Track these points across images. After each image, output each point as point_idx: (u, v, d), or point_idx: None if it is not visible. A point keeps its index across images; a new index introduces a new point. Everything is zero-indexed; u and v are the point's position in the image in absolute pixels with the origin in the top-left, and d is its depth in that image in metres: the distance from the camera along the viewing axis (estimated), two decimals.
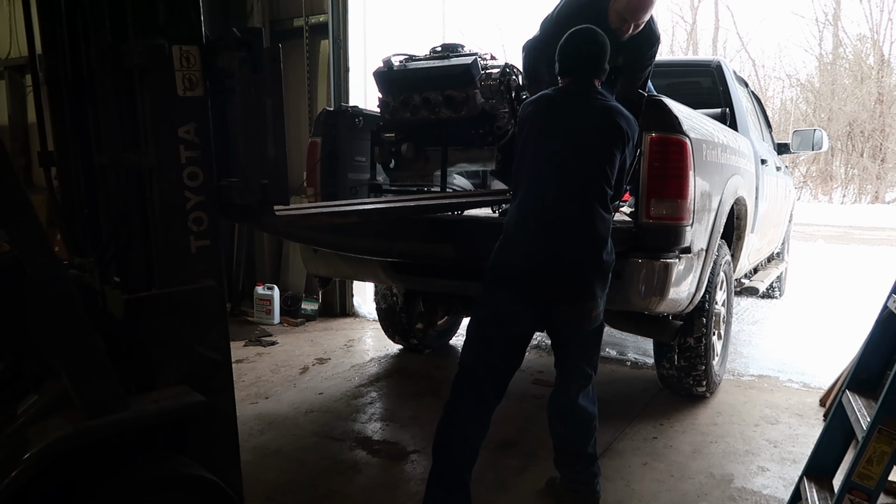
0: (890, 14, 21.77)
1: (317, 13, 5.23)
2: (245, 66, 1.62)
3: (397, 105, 3.32)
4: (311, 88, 5.34)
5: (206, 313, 1.63)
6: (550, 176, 2.17)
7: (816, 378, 3.82)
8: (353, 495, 2.49)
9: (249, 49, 1.62)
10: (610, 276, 2.21)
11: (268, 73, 1.64)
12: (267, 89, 1.65)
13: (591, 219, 2.14)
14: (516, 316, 2.17)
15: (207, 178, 1.63)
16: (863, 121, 21.73)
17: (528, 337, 2.27)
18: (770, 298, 6.30)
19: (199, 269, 1.63)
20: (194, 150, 1.60)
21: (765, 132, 5.19)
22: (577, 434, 2.34)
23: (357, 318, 5.40)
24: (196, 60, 1.58)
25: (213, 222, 1.66)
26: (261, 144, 1.68)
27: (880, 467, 1.72)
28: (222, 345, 1.66)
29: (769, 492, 2.51)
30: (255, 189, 1.67)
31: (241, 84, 1.65)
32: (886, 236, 12.75)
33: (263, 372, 3.96)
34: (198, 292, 1.62)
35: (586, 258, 2.14)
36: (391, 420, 3.25)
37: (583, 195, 2.15)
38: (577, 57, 2.26)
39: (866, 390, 2.02)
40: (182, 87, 1.57)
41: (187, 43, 1.57)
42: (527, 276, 2.14)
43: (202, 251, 1.64)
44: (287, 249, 5.60)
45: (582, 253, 2.14)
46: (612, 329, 3.24)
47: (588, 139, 2.20)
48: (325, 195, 3.50)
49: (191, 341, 1.61)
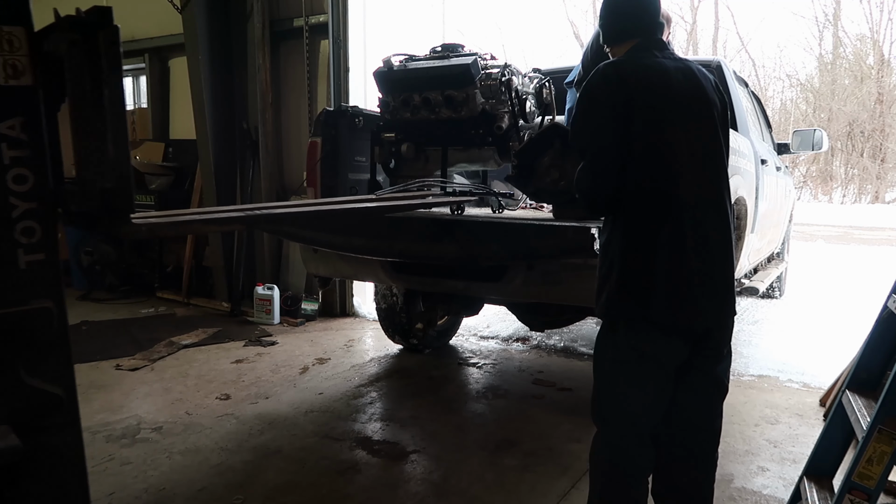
0: (890, 14, 21.77)
1: (317, 13, 5.23)
2: (76, 50, 1.38)
3: (397, 105, 3.32)
4: (311, 88, 5.34)
5: (41, 339, 1.39)
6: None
7: (816, 378, 3.82)
8: (353, 495, 2.49)
9: (82, 30, 1.37)
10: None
11: (104, 59, 1.38)
12: (104, 78, 1.39)
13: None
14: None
15: (39, 182, 1.39)
16: (863, 121, 21.73)
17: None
18: (770, 298, 6.30)
19: (31, 288, 1.39)
20: (21, 149, 1.37)
21: (765, 132, 5.19)
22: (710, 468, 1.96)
23: (357, 318, 5.40)
24: (22, 44, 1.35)
25: (49, 233, 1.41)
26: (99, 143, 1.43)
27: (880, 467, 1.72)
28: (64, 375, 1.43)
29: (769, 492, 2.51)
30: (94, 195, 1.43)
31: (72, 71, 1.40)
32: (886, 236, 12.74)
33: (263, 372, 3.96)
34: (30, 315, 1.37)
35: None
36: (391, 420, 3.25)
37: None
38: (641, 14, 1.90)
39: (866, 390, 2.02)
40: (4, 74, 1.34)
41: (10, 23, 1.34)
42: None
43: (34, 267, 1.39)
44: (287, 249, 5.60)
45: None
46: None
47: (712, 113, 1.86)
48: (325, 195, 3.51)
49: (20, 373, 1.37)
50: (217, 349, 4.44)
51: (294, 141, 5.55)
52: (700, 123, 1.81)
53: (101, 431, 3.03)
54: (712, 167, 1.82)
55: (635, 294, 1.77)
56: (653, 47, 1.86)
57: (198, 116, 5.51)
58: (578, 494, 2.47)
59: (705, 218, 1.77)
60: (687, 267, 1.74)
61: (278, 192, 5.58)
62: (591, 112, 1.82)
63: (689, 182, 1.76)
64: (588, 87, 1.83)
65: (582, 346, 4.55)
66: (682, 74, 1.81)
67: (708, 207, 1.78)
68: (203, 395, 3.53)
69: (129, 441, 2.94)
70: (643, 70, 1.80)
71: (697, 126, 1.81)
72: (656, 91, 1.78)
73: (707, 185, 1.80)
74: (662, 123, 1.76)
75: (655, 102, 1.77)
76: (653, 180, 1.76)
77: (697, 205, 1.76)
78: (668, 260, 1.74)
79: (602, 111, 1.79)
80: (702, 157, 1.80)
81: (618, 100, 1.76)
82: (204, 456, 2.80)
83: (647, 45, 1.86)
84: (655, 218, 1.75)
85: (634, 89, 1.76)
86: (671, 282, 1.74)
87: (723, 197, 1.83)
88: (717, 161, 1.83)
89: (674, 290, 1.74)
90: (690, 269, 1.74)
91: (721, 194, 1.82)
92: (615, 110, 1.76)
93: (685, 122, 1.79)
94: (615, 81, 1.78)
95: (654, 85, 1.78)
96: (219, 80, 5.49)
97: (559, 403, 3.44)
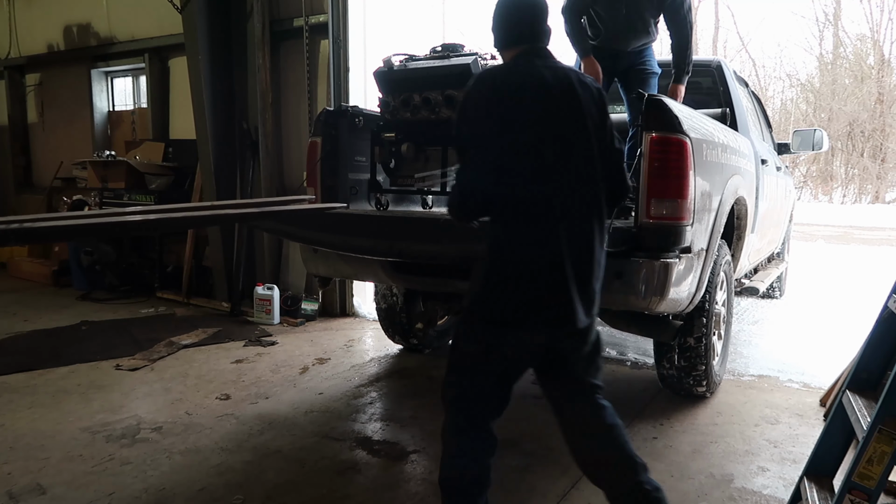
0: (890, 14, 21.79)
1: (317, 13, 5.23)
2: None
3: (397, 105, 3.31)
4: (311, 88, 5.34)
5: None
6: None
7: (816, 378, 3.82)
8: (353, 495, 2.48)
9: None
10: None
11: None
12: None
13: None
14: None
15: None
16: (863, 121, 21.73)
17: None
18: (770, 298, 6.30)
19: None
20: None
21: (765, 132, 5.19)
22: (619, 447, 1.94)
23: (357, 318, 5.39)
24: None
25: None
26: None
27: (880, 467, 1.72)
28: None
29: (769, 492, 2.51)
30: None
31: None
32: (886, 236, 12.75)
33: (263, 372, 3.96)
34: None
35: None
36: (391, 420, 3.25)
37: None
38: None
39: (866, 390, 2.02)
40: None
41: None
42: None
43: None
44: (287, 249, 5.60)
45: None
46: (613, 329, 3.24)
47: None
48: (325, 195, 3.50)
49: None
50: (217, 349, 4.44)
51: (294, 141, 5.55)
52: (568, 132, 1.86)
53: (101, 431, 3.03)
54: (578, 174, 1.86)
55: (491, 293, 1.85)
56: (535, 55, 1.93)
57: (198, 116, 5.51)
58: (578, 494, 2.47)
59: (565, 222, 1.82)
60: (545, 268, 1.81)
61: (278, 192, 5.57)
62: (466, 115, 1.90)
63: (554, 187, 1.82)
64: (466, 91, 1.93)
65: None
66: (558, 83, 1.87)
67: (569, 213, 1.83)
68: (203, 395, 3.53)
69: (129, 441, 2.94)
70: (518, 76, 1.88)
71: (564, 134, 1.85)
72: (524, 97, 1.84)
73: (571, 192, 1.84)
74: (528, 129, 1.82)
75: (523, 108, 1.83)
76: (517, 184, 1.81)
77: (558, 210, 1.82)
78: (527, 261, 1.81)
79: (475, 114, 1.87)
80: (567, 164, 1.84)
81: (490, 104, 1.84)
82: (204, 456, 2.80)
83: (531, 53, 1.93)
84: (518, 220, 1.83)
85: (505, 94, 1.84)
86: (528, 281, 1.81)
87: (586, 204, 1.87)
88: (584, 169, 1.87)
89: (530, 290, 1.81)
90: (549, 270, 1.81)
91: (584, 201, 1.86)
92: (488, 115, 1.83)
93: (552, 129, 1.84)
94: (489, 86, 1.87)
95: (524, 91, 1.85)
96: (219, 80, 5.48)
97: None
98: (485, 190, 1.83)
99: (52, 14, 7.47)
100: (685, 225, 2.68)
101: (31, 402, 3.42)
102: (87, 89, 7.45)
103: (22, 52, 7.82)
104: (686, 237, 2.70)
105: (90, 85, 7.43)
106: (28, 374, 3.85)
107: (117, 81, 7.65)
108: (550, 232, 1.81)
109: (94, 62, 7.33)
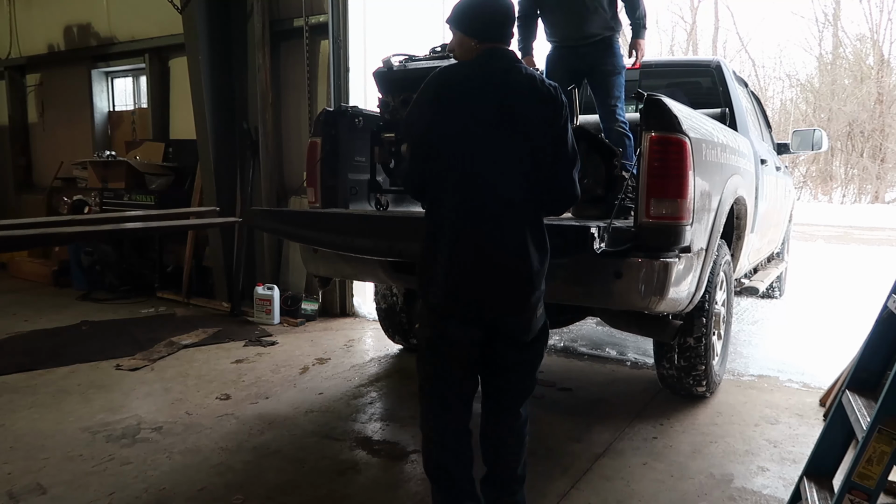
0: (890, 14, 21.79)
1: (317, 13, 5.23)
2: None
3: (397, 105, 3.32)
4: (311, 88, 5.34)
5: None
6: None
7: (816, 378, 3.82)
8: (353, 495, 2.49)
9: None
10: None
11: None
12: None
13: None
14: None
15: None
16: (863, 121, 21.74)
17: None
18: (770, 298, 6.30)
19: None
20: None
21: (764, 132, 5.19)
22: (515, 455, 2.15)
23: (357, 318, 5.40)
24: None
25: None
26: None
27: (880, 467, 1.72)
28: None
29: (769, 492, 2.51)
30: None
31: None
32: (886, 236, 12.75)
33: (263, 372, 3.96)
34: None
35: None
36: (391, 420, 3.25)
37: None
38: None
39: (866, 390, 2.02)
40: None
41: None
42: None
43: None
44: (287, 249, 5.60)
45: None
46: (613, 329, 3.24)
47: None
48: (325, 195, 3.51)
49: None
50: (217, 349, 4.44)
51: (294, 141, 5.55)
52: (497, 135, 1.90)
53: (101, 431, 3.03)
54: (509, 171, 1.91)
55: (426, 282, 1.98)
56: (499, 57, 1.98)
57: (198, 116, 5.51)
58: (578, 494, 2.47)
59: (479, 222, 1.89)
60: (469, 261, 1.89)
61: (278, 193, 5.58)
62: (413, 109, 2.04)
63: (481, 183, 1.89)
64: (421, 86, 2.02)
65: (582, 346, 4.55)
66: (504, 88, 1.91)
67: (485, 213, 1.89)
68: (203, 395, 3.54)
69: (129, 441, 2.94)
70: (463, 76, 1.96)
71: (501, 132, 1.90)
72: (460, 96, 1.92)
73: (497, 188, 1.90)
74: (465, 127, 1.91)
75: (459, 107, 1.92)
76: (446, 177, 1.92)
77: (484, 204, 1.89)
78: (451, 252, 1.90)
79: (419, 109, 1.99)
80: (498, 161, 1.91)
81: (432, 102, 1.95)
82: (204, 456, 2.80)
83: (493, 54, 1.97)
84: (446, 212, 1.92)
85: (446, 93, 1.94)
86: (452, 273, 1.91)
87: (515, 202, 1.91)
88: (516, 166, 1.92)
89: (455, 282, 1.91)
90: (473, 262, 1.90)
91: (514, 199, 1.91)
92: (430, 110, 1.95)
93: (488, 126, 1.90)
94: (434, 84, 1.96)
95: (464, 90, 1.92)
96: (219, 80, 5.49)
97: (559, 403, 3.45)
98: (415, 182, 2.01)
99: (52, 14, 7.47)
100: (685, 225, 2.68)
101: (31, 402, 3.42)
102: (88, 89, 7.45)
103: (22, 53, 7.82)
104: (686, 237, 2.70)
105: (90, 85, 7.43)
106: (28, 374, 3.85)
107: (117, 81, 7.65)
108: (462, 230, 1.89)
109: (94, 62, 7.33)
